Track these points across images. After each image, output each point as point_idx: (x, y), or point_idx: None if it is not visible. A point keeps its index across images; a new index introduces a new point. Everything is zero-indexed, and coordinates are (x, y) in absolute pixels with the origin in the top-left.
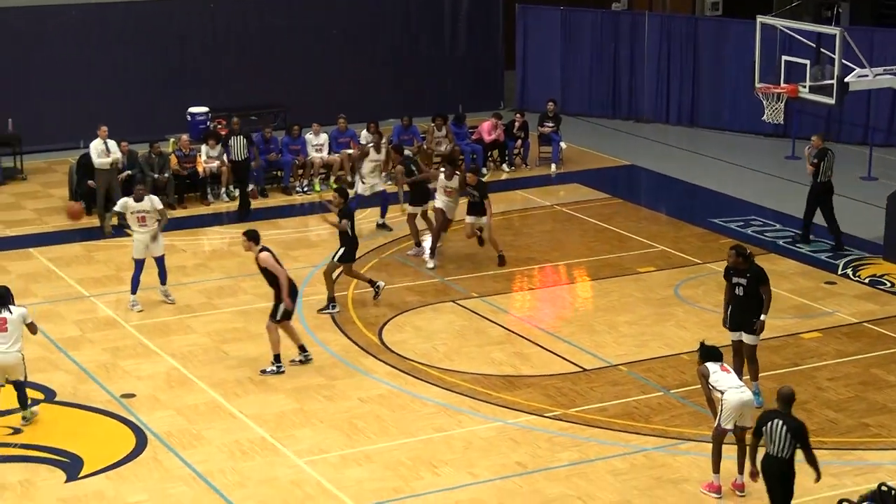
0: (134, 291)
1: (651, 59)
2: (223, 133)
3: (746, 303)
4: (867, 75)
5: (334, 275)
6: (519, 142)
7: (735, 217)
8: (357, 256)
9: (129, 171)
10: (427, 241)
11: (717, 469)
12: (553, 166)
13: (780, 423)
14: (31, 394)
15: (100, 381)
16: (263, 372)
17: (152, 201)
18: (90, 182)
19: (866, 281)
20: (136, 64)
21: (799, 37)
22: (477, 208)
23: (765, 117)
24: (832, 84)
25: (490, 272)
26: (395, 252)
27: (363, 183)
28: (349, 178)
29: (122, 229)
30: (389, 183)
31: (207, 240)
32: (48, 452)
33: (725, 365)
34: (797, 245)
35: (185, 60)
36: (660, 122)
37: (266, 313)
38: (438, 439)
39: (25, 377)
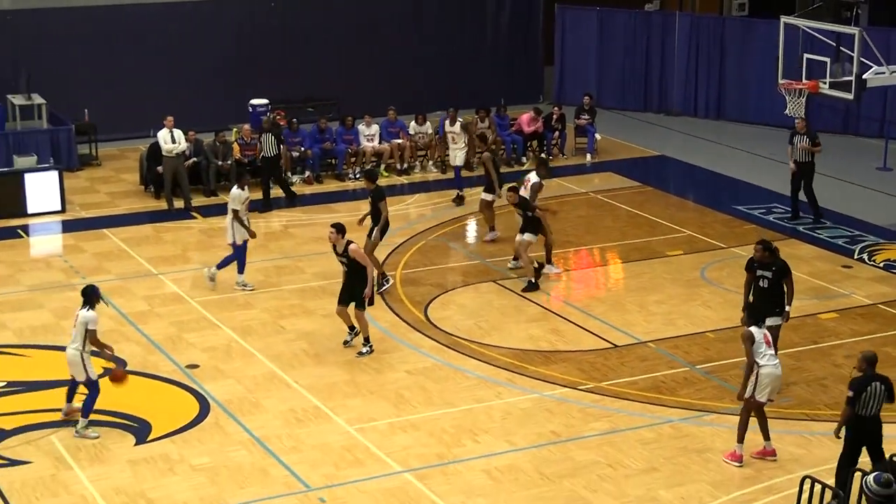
0: (241, 271)
1: (681, 57)
2: (282, 123)
3: (770, 294)
4: (884, 72)
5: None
6: (557, 133)
7: (758, 205)
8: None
9: (196, 159)
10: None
11: (741, 439)
12: (588, 156)
13: (879, 384)
14: (104, 364)
15: (166, 353)
16: (360, 354)
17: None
18: (158, 168)
19: (881, 265)
20: (201, 59)
21: (820, 36)
22: (527, 226)
23: (787, 111)
24: (851, 81)
25: (529, 254)
26: (440, 235)
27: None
28: (398, 166)
29: (187, 212)
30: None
31: (266, 222)
32: (119, 418)
33: (768, 335)
34: (816, 231)
35: (247, 56)
36: (688, 115)
37: (321, 291)
38: (479, 409)
39: (88, 381)
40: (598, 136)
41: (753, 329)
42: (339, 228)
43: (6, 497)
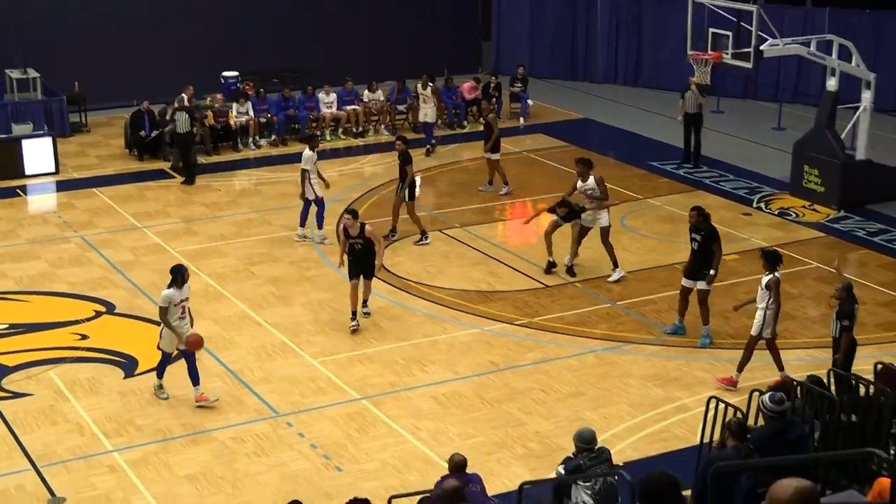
0: (320, 227)
1: (602, 30)
2: (250, 93)
3: (699, 256)
4: (778, 45)
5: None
6: (493, 99)
7: (669, 160)
8: (362, 194)
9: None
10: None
11: (742, 369)
12: (521, 120)
13: (857, 306)
14: (95, 307)
15: (151, 297)
16: (365, 313)
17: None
18: (141, 133)
19: (776, 212)
20: (179, 34)
21: (723, 12)
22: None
23: (695, 79)
24: (750, 52)
25: (471, 206)
26: (392, 190)
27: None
28: (354, 130)
29: (167, 172)
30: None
31: (238, 181)
32: (110, 355)
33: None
34: (720, 183)
35: (220, 30)
36: (609, 82)
37: (286, 240)
38: (426, 343)
39: (160, 348)
40: (530, 102)
41: (778, 274)
42: (355, 214)
43: (10, 425)
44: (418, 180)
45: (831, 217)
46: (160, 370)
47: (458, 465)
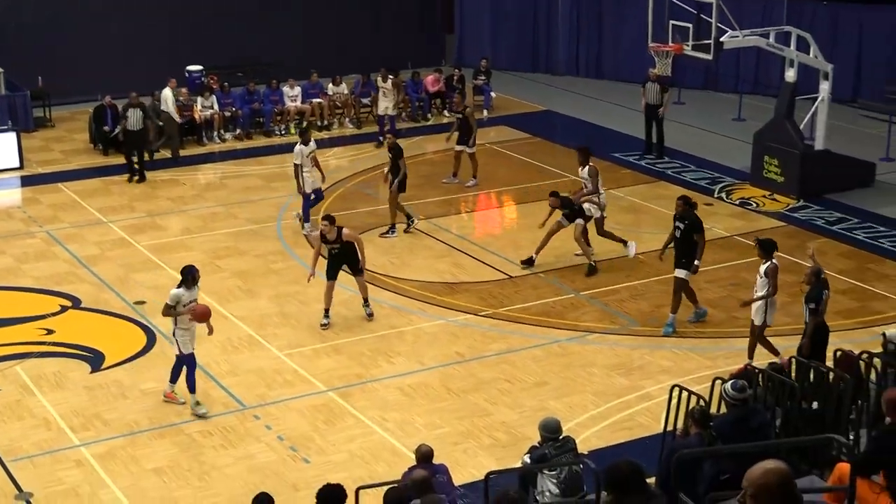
0: (307, 220)
1: (564, 22)
2: (215, 87)
3: (682, 244)
4: (738, 36)
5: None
6: (457, 92)
7: (632, 152)
8: (327, 187)
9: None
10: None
11: (752, 356)
12: (485, 112)
13: (828, 291)
14: (61, 302)
15: (116, 291)
16: (369, 314)
17: (315, 144)
18: (105, 128)
19: (737, 202)
20: (143, 28)
21: (683, 4)
22: (574, 215)
23: (656, 70)
24: (710, 44)
25: (435, 198)
26: (357, 183)
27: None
28: (318, 123)
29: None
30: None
31: (203, 175)
32: (76, 349)
33: None
34: (682, 174)
35: (184, 24)
36: (571, 74)
37: (252, 234)
38: (392, 335)
39: (182, 356)
40: (493, 94)
41: (775, 262)
42: (332, 220)
43: None
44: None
45: (791, 206)
46: (191, 382)
47: (424, 455)
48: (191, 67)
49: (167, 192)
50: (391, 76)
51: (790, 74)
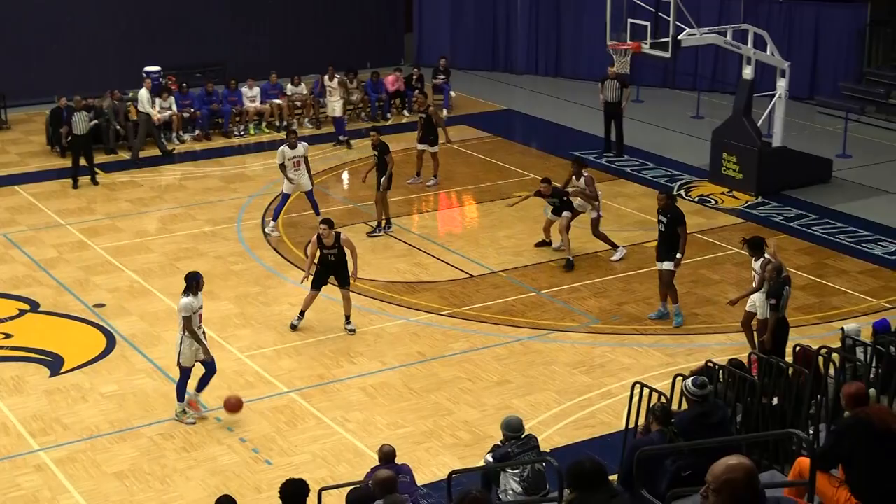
0: (275, 219)
1: (523, 21)
2: (173, 88)
3: (666, 237)
4: (695, 34)
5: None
6: (417, 91)
7: (592, 149)
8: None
9: (97, 121)
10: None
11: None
12: (444, 111)
13: (789, 287)
14: (19, 305)
15: (75, 294)
16: (350, 330)
17: (304, 148)
18: (62, 129)
19: (696, 199)
20: (100, 28)
21: (641, 3)
22: (563, 207)
23: (615, 68)
24: (668, 41)
25: (395, 198)
26: (317, 184)
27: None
28: (277, 124)
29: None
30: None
31: (162, 176)
32: (34, 353)
33: None
34: (641, 171)
35: (141, 25)
36: (531, 73)
37: (212, 235)
38: (354, 335)
39: (180, 366)
40: (452, 93)
41: (767, 255)
42: (330, 224)
43: None
44: (346, 173)
45: (749, 203)
46: (181, 391)
47: (387, 455)
48: (148, 68)
49: (126, 194)
50: (338, 75)
51: (747, 72)
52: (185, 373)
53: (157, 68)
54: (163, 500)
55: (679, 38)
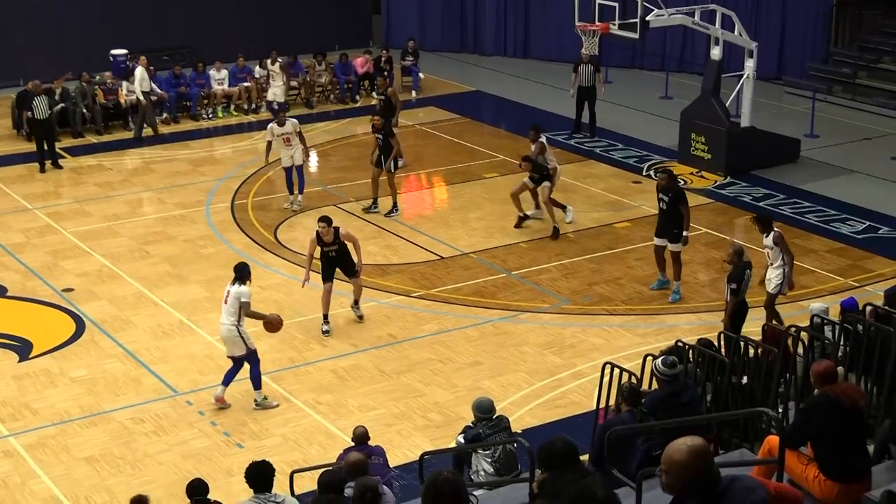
0: (291, 193)
1: (491, 2)
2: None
3: (668, 216)
4: (663, 15)
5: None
6: (385, 73)
7: (561, 131)
8: (255, 171)
9: (63, 104)
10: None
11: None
12: (413, 93)
13: (750, 271)
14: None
15: (44, 279)
16: (359, 316)
17: (293, 124)
18: (27, 113)
19: None
20: (68, 12)
21: None
22: (542, 178)
23: (583, 50)
24: (636, 22)
25: (365, 180)
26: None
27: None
28: (245, 107)
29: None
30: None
31: (130, 160)
32: (3, 338)
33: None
34: (610, 152)
35: (108, 7)
36: (499, 55)
37: (181, 218)
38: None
39: (248, 353)
40: (421, 75)
41: (777, 231)
42: (329, 221)
43: None
44: (314, 155)
45: (718, 183)
46: (258, 378)
47: (360, 437)
48: (115, 51)
49: (93, 178)
50: (280, 59)
51: (716, 52)
52: (257, 356)
53: (124, 51)
54: (134, 484)
55: (647, 18)
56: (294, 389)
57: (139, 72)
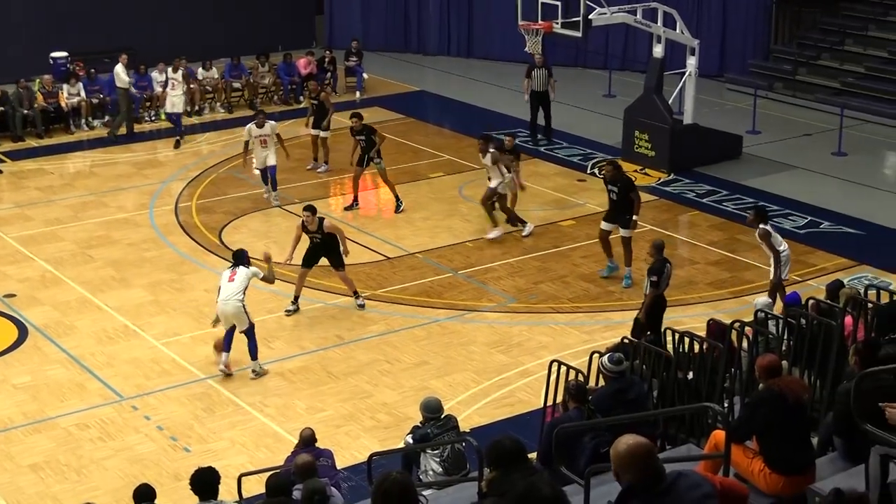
0: (268, 187)
1: (434, 3)
2: (80, 73)
3: (619, 205)
4: (605, 13)
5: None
6: (329, 74)
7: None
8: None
9: (2, 108)
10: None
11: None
12: (357, 93)
13: (670, 266)
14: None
15: None
16: (360, 305)
17: (272, 127)
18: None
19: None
20: (5, 15)
21: None
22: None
23: (526, 49)
24: (579, 21)
25: (310, 181)
26: (229, 168)
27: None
28: (188, 109)
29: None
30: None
31: (72, 163)
32: None
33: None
34: (543, 147)
35: (46, 9)
36: (443, 54)
37: (124, 222)
38: (271, 319)
39: (250, 327)
40: (365, 75)
41: (763, 227)
42: (313, 210)
43: None
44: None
45: (662, 180)
46: (256, 348)
47: (306, 439)
48: (55, 54)
49: (35, 182)
50: (182, 68)
51: (658, 50)
52: (254, 329)
53: (64, 54)
54: (79, 491)
55: (590, 17)
56: (241, 392)
57: (118, 68)
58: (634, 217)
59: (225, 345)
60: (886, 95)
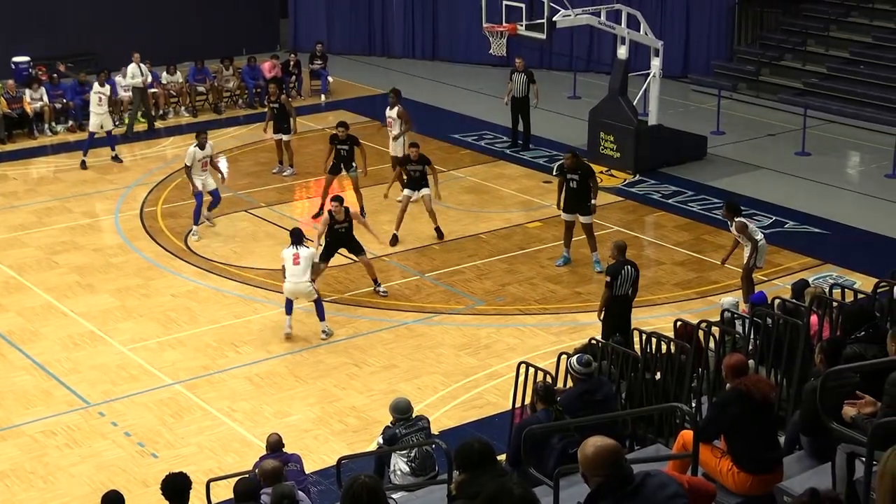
0: (196, 223)
1: (399, 5)
2: (43, 78)
3: (579, 193)
4: (570, 15)
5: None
6: (294, 77)
7: (471, 132)
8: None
9: None
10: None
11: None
12: (322, 97)
13: (630, 267)
14: None
15: None
16: (383, 293)
17: (211, 147)
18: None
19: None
20: None
21: None
22: (418, 183)
23: (491, 51)
24: (543, 23)
25: (276, 185)
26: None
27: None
28: (153, 113)
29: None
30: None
31: (35, 169)
32: None
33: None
34: (521, 153)
35: (8, 13)
36: (408, 57)
37: (89, 228)
38: (239, 324)
39: (319, 298)
40: (330, 78)
41: (739, 219)
42: (341, 200)
43: None
44: (225, 162)
45: (628, 181)
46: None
47: (273, 445)
48: (17, 59)
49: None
50: (109, 80)
51: (622, 52)
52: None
53: (26, 59)
54: (46, 498)
55: (554, 19)
56: (209, 397)
57: (131, 67)
58: (593, 202)
59: (287, 309)
60: (848, 95)
